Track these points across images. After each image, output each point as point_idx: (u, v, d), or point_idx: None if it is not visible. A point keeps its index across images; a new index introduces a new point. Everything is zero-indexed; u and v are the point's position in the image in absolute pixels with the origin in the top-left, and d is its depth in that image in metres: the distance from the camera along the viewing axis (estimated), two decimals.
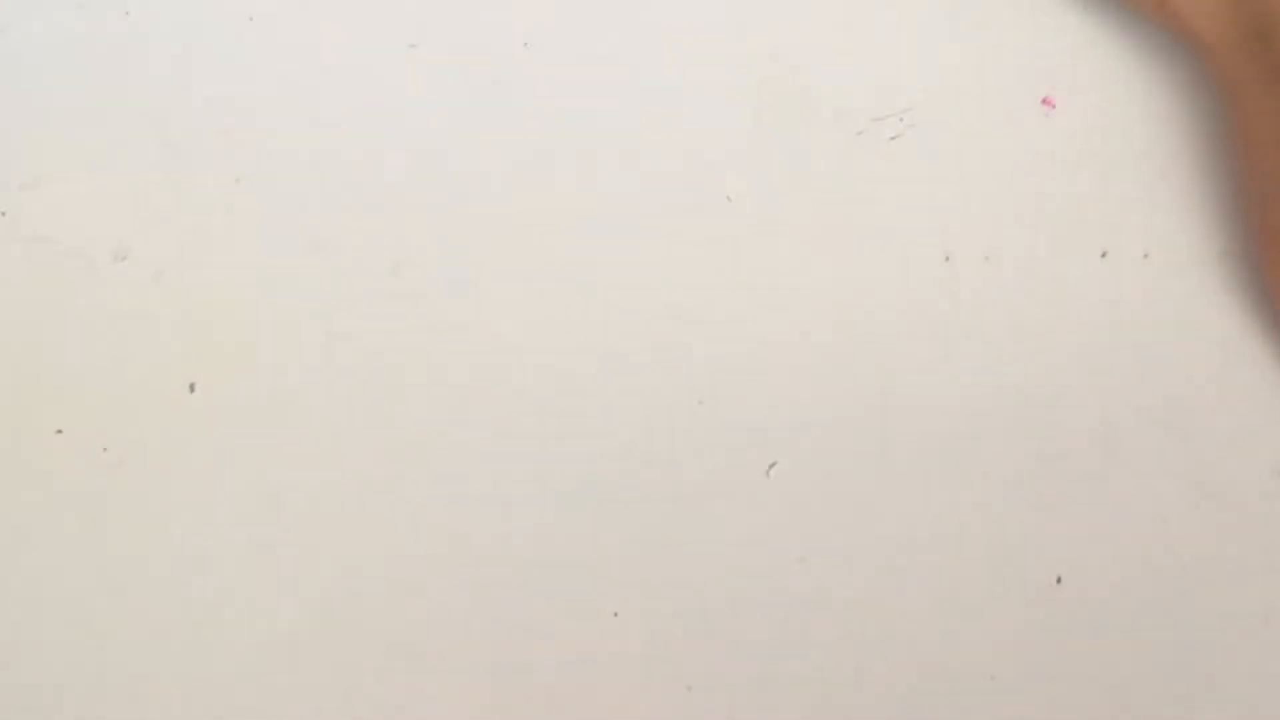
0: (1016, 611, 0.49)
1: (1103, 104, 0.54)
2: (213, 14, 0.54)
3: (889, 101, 0.55)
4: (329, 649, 0.49)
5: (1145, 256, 0.53)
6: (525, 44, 0.54)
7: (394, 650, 0.49)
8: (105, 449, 0.51)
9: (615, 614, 0.49)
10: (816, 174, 0.53)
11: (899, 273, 0.52)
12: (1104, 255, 0.53)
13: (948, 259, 0.53)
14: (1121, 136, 0.54)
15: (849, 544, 0.49)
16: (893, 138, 0.55)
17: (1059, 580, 0.50)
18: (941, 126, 0.55)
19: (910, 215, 0.53)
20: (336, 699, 0.49)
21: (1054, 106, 0.54)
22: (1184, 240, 0.53)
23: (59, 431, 0.51)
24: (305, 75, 0.54)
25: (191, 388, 0.51)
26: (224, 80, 0.53)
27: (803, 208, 0.53)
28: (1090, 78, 0.54)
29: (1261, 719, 0.49)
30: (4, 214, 0.53)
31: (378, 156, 0.54)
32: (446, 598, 0.49)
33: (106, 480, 0.50)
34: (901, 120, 0.55)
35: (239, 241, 0.52)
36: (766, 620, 0.49)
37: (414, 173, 0.53)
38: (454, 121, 0.54)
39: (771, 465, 0.50)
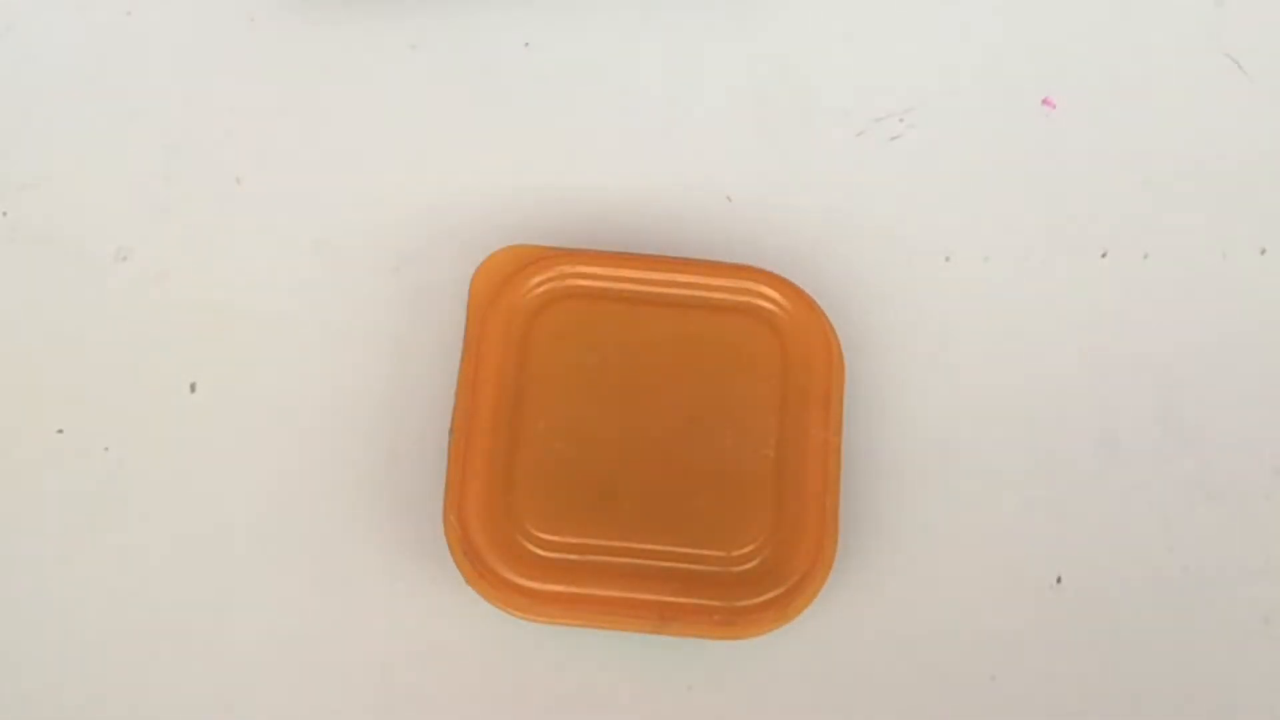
0: (1016, 611, 0.49)
1: (1103, 104, 0.54)
2: (213, 15, 0.54)
3: (889, 101, 0.55)
4: (329, 647, 0.49)
5: (1145, 257, 0.53)
6: (525, 44, 0.54)
7: (392, 649, 0.49)
8: (105, 449, 0.51)
9: None
10: (816, 174, 0.53)
11: (899, 273, 0.52)
12: (1105, 255, 0.53)
13: (948, 259, 0.53)
14: (1121, 136, 0.54)
15: (848, 544, 0.49)
16: (893, 138, 0.55)
17: (1059, 580, 0.50)
18: (941, 126, 0.55)
19: (910, 215, 0.53)
20: (336, 696, 0.49)
21: (1054, 107, 0.54)
22: (1184, 240, 0.53)
23: (59, 431, 0.51)
24: (305, 76, 0.54)
25: (192, 388, 0.51)
26: (224, 81, 0.54)
27: (803, 208, 0.53)
28: (1090, 78, 0.54)
29: (1262, 719, 0.49)
30: (4, 214, 0.53)
31: (377, 156, 0.54)
32: (447, 596, 0.49)
33: (106, 480, 0.51)
34: (901, 120, 0.55)
35: (239, 241, 0.52)
36: None
37: (414, 172, 0.53)
38: (454, 121, 0.54)
39: None
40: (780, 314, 0.49)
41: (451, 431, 0.48)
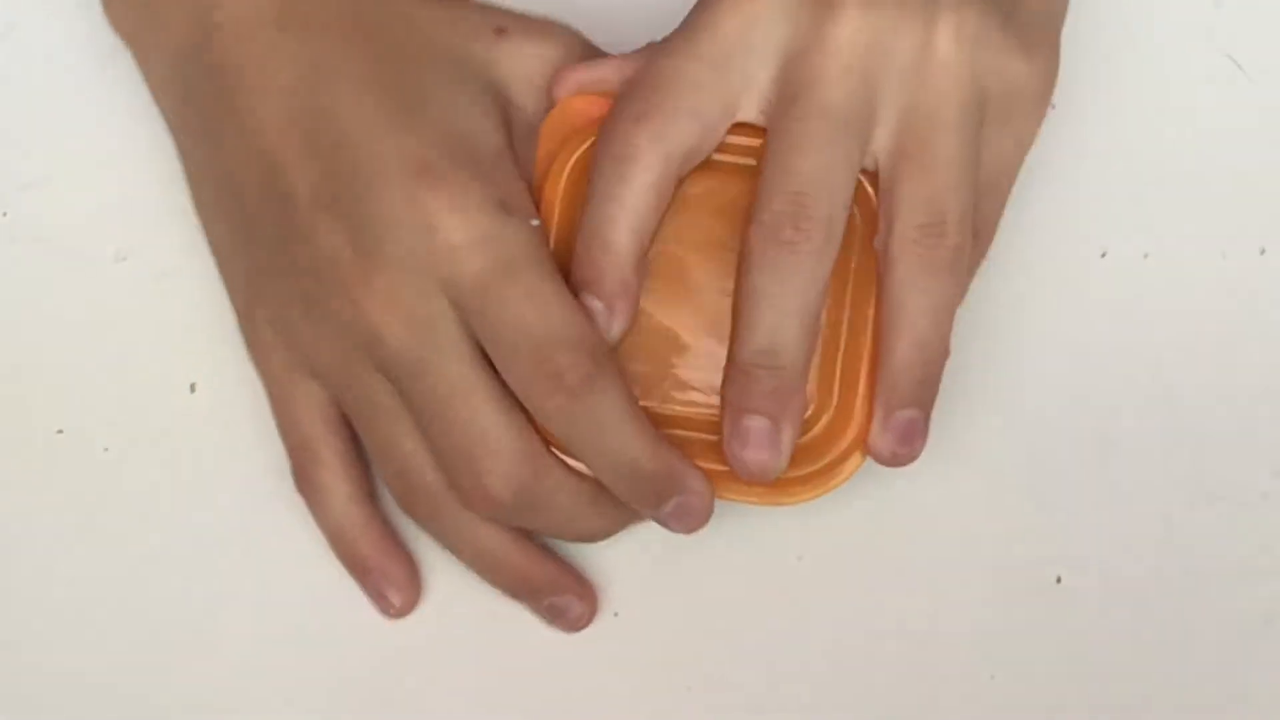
0: (1016, 611, 0.49)
1: (1103, 104, 0.54)
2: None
3: None
4: (329, 646, 0.49)
5: (1145, 257, 0.53)
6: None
7: (394, 648, 0.49)
8: (105, 449, 0.51)
9: (615, 614, 0.49)
10: None
11: None
12: (1104, 255, 0.53)
13: None
14: (1121, 136, 0.54)
15: (848, 543, 0.49)
16: None
17: (1059, 580, 0.50)
18: None
19: None
20: (337, 695, 0.49)
21: (1054, 107, 0.54)
22: (1184, 240, 0.53)
23: (59, 431, 0.51)
24: None
25: (192, 388, 0.51)
26: None
27: None
28: (1090, 78, 0.54)
29: (1261, 719, 0.49)
30: (4, 214, 0.53)
31: None
32: (447, 595, 0.49)
33: (106, 480, 0.51)
34: None
35: None
36: (766, 620, 0.49)
37: None
38: None
39: None
40: (860, 189, 0.46)
41: None
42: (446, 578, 0.50)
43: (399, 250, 0.44)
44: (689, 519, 0.45)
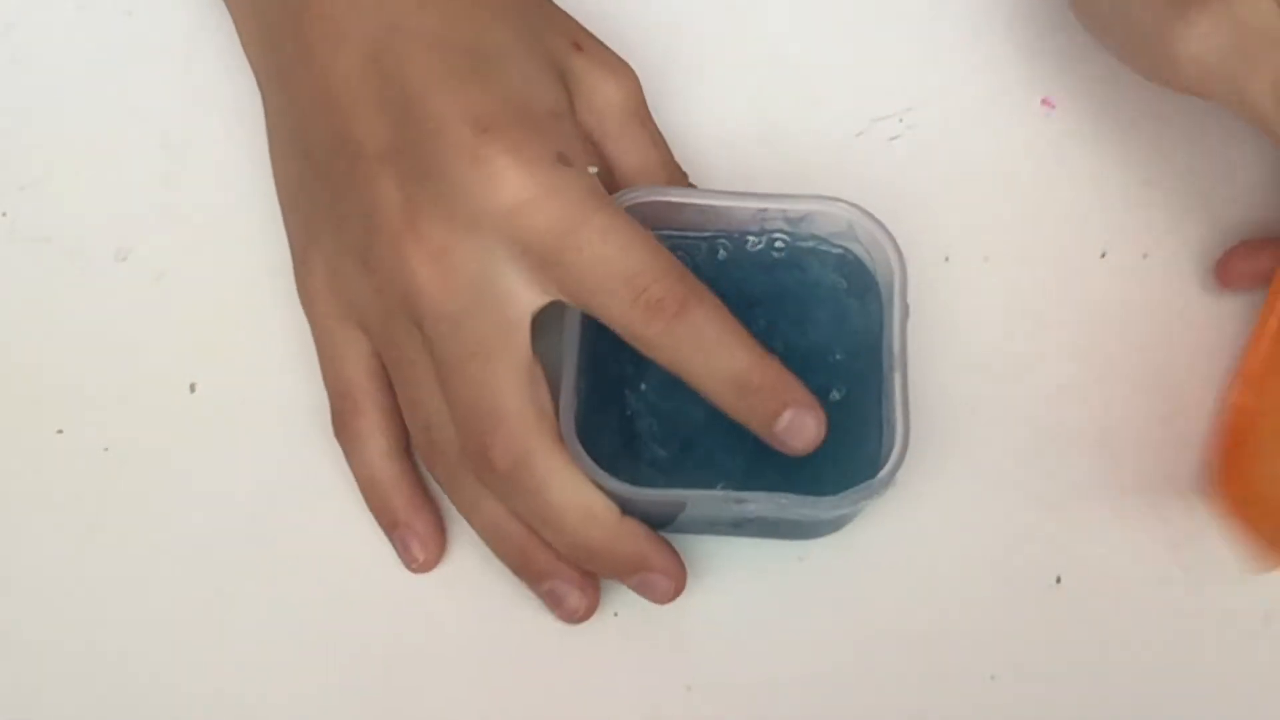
0: (1016, 611, 0.49)
1: (1103, 104, 0.54)
2: (214, 15, 0.54)
3: (889, 101, 0.55)
4: (329, 647, 0.49)
5: (1145, 256, 0.53)
6: None
7: (393, 648, 0.49)
8: (105, 449, 0.51)
9: (615, 614, 0.49)
10: (816, 174, 0.53)
11: None
12: (1104, 255, 0.53)
13: (947, 259, 0.53)
14: (1121, 136, 0.54)
15: (848, 543, 0.49)
16: (892, 138, 0.55)
17: (1059, 580, 0.50)
18: (941, 126, 0.55)
19: (909, 215, 0.53)
20: (336, 695, 0.49)
21: (1054, 107, 0.54)
22: (1184, 240, 0.53)
23: (59, 431, 0.51)
24: None
25: (192, 388, 0.51)
26: (225, 82, 0.54)
27: None
28: (1090, 78, 0.54)
29: (1261, 719, 0.49)
30: (4, 214, 0.53)
31: None
32: (447, 595, 0.49)
33: (106, 480, 0.51)
34: (901, 120, 0.55)
35: (239, 241, 0.52)
36: (766, 620, 0.49)
37: None
38: None
39: None
40: None
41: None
42: (446, 575, 0.50)
43: (461, 207, 0.45)
44: (803, 434, 0.44)
